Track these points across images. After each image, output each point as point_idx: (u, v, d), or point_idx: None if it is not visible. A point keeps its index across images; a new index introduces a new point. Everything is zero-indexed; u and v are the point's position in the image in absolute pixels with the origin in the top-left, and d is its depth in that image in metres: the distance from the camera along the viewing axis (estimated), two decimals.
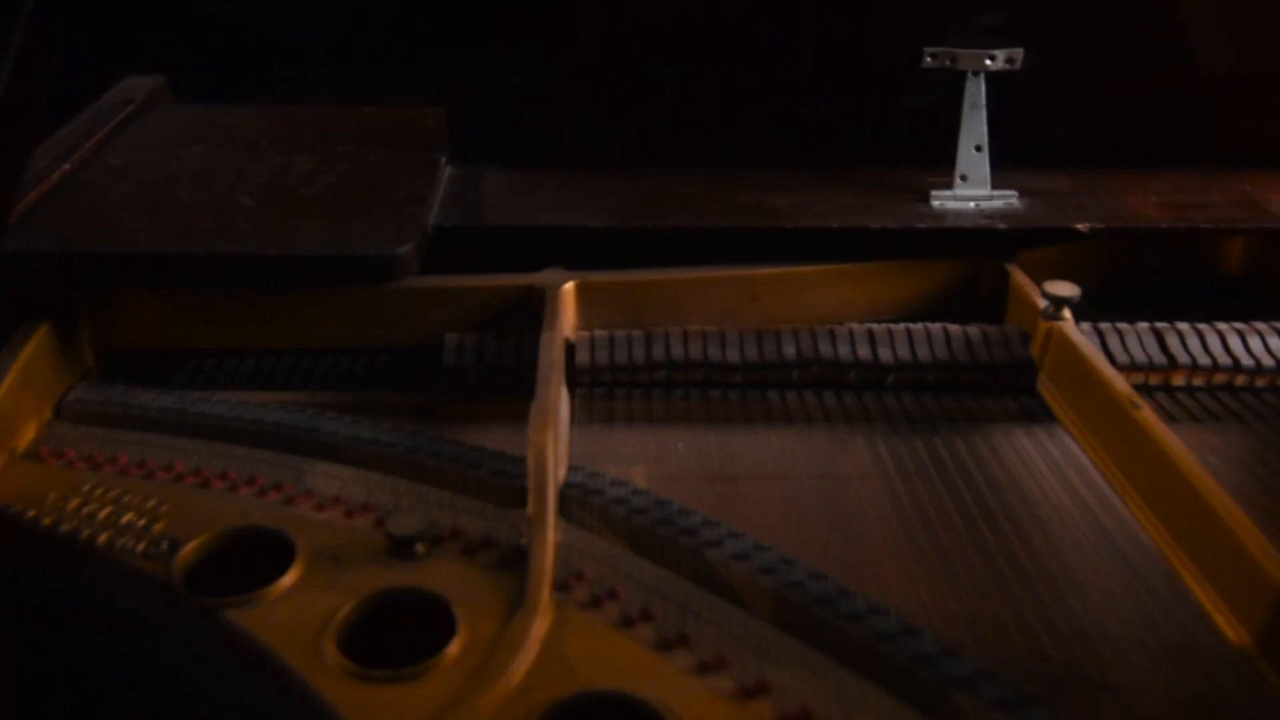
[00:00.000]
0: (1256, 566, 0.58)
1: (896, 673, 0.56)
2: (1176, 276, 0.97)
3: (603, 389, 0.82)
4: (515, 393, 0.78)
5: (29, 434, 0.74)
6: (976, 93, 0.89)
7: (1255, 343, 0.83)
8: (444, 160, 0.94)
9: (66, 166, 0.89)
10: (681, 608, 0.60)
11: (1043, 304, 0.81)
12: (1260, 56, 0.93)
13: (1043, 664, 0.60)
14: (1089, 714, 0.56)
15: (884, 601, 0.59)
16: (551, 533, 0.64)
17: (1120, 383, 0.73)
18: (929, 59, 0.89)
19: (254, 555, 0.64)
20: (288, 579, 0.61)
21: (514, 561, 0.64)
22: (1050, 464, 0.76)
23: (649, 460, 0.76)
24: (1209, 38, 0.92)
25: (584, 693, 0.55)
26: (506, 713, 0.53)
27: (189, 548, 0.63)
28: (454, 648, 0.57)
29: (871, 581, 0.65)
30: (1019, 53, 0.89)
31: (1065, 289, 0.80)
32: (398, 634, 0.60)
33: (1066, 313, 0.80)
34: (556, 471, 0.69)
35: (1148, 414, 0.70)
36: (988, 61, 0.88)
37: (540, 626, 0.58)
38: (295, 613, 0.59)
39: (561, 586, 0.62)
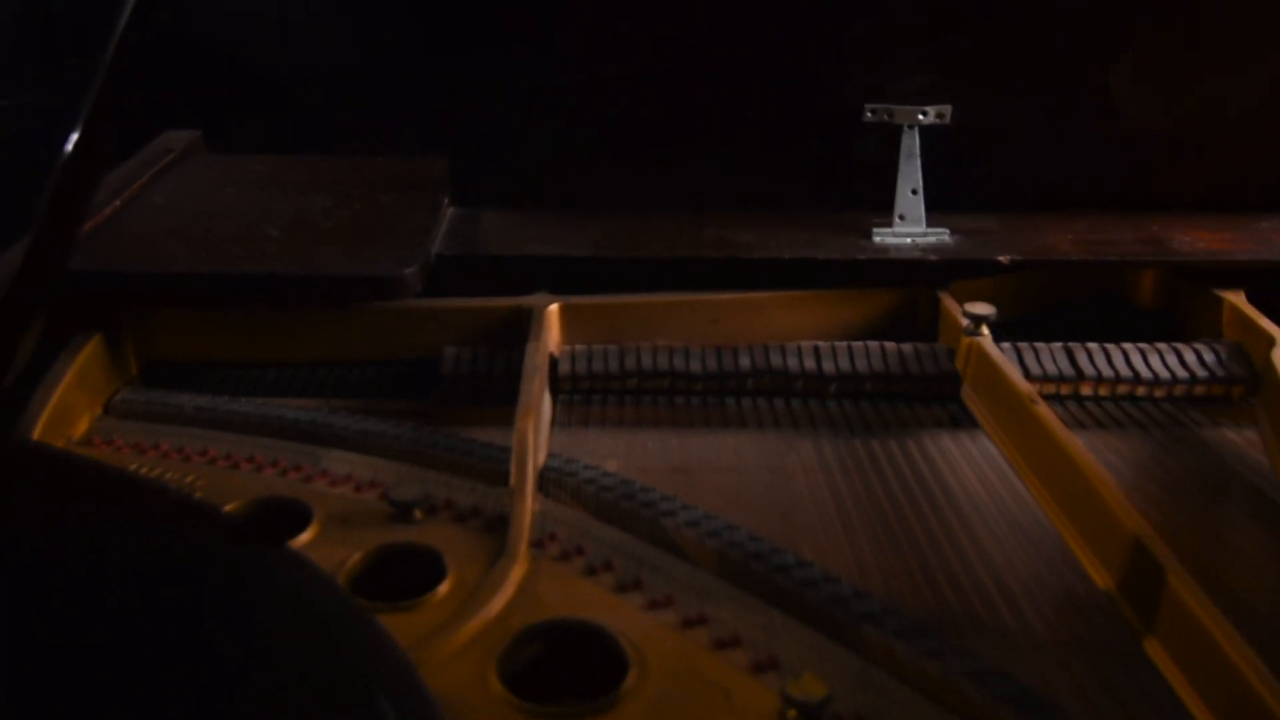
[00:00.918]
0: (1116, 521, 0.68)
1: (815, 610, 0.66)
2: (1097, 308, 1.08)
3: (581, 395, 0.94)
4: (505, 400, 0.89)
5: (83, 426, 0.86)
6: (911, 144, 1.02)
7: (1154, 360, 0.95)
8: (446, 201, 1.07)
9: (117, 203, 1.02)
10: (638, 561, 0.71)
11: (965, 323, 0.93)
12: (1167, 115, 1.06)
13: (946, 612, 0.70)
14: (981, 648, 0.66)
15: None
16: (530, 501, 0.75)
17: (1023, 385, 0.84)
18: (869, 114, 1.02)
19: (278, 520, 0.75)
20: (306, 536, 0.72)
21: (498, 526, 0.74)
22: (969, 460, 0.86)
23: (620, 455, 0.87)
24: (1123, 98, 1.05)
25: (552, 619, 0.65)
26: (487, 634, 0.63)
27: (224, 510, 0.74)
28: (444, 588, 0.68)
29: (806, 550, 0.75)
30: (948, 109, 1.02)
31: (983, 309, 0.92)
32: (399, 581, 0.70)
33: (984, 329, 0.92)
34: (536, 456, 0.80)
35: (1043, 409, 0.81)
36: (920, 116, 1.02)
37: (518, 572, 0.69)
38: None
39: (537, 544, 0.72)
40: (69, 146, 0.71)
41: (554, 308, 0.97)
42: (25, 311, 0.77)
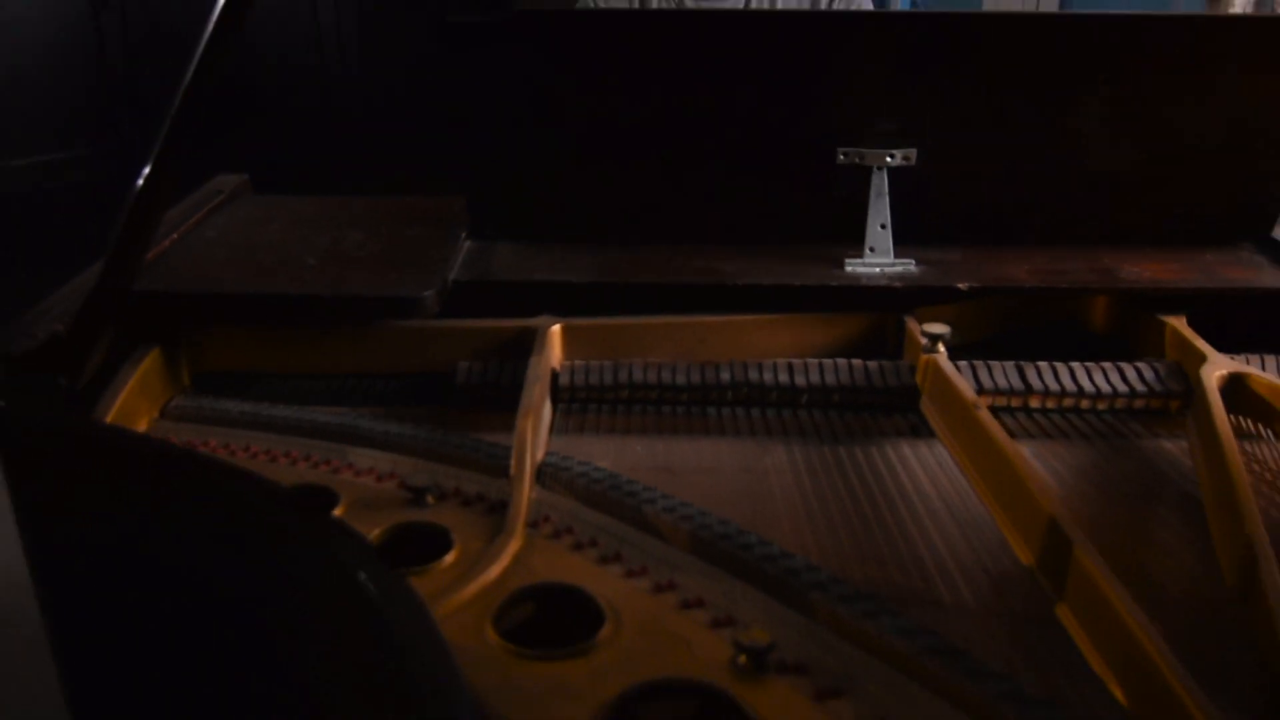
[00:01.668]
0: (1037, 505, 0.78)
1: (770, 579, 0.76)
2: (1054, 333, 1.18)
3: (579, 405, 1.05)
4: (510, 408, 0.99)
5: (142, 427, 0.98)
6: (880, 183, 1.13)
7: (1099, 376, 1.04)
8: (464, 235, 1.19)
9: (175, 236, 1.15)
10: (619, 540, 0.81)
11: (924, 342, 1.03)
12: (1121, 157, 1.17)
13: (891, 588, 0.79)
14: (916, 614, 0.75)
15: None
16: (527, 489, 0.86)
17: (969, 393, 0.94)
18: (842, 157, 1.14)
19: (309, 503, 0.86)
20: (334, 515, 0.83)
21: (499, 510, 0.85)
22: (923, 464, 0.96)
23: (611, 456, 0.97)
24: (1079, 141, 1.16)
25: (541, 583, 0.76)
26: (485, 594, 0.74)
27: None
28: (450, 557, 0.78)
29: (771, 535, 0.84)
30: (913, 152, 1.13)
31: (938, 329, 1.02)
32: (413, 552, 0.81)
33: (940, 346, 1.02)
34: (535, 453, 0.91)
35: (984, 414, 0.91)
36: (888, 159, 1.13)
37: (514, 546, 0.79)
38: None
39: (532, 524, 0.83)
40: (140, 183, 0.84)
41: (556, 328, 1.08)
42: (99, 325, 0.90)
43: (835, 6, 1.73)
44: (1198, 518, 0.88)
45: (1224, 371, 0.99)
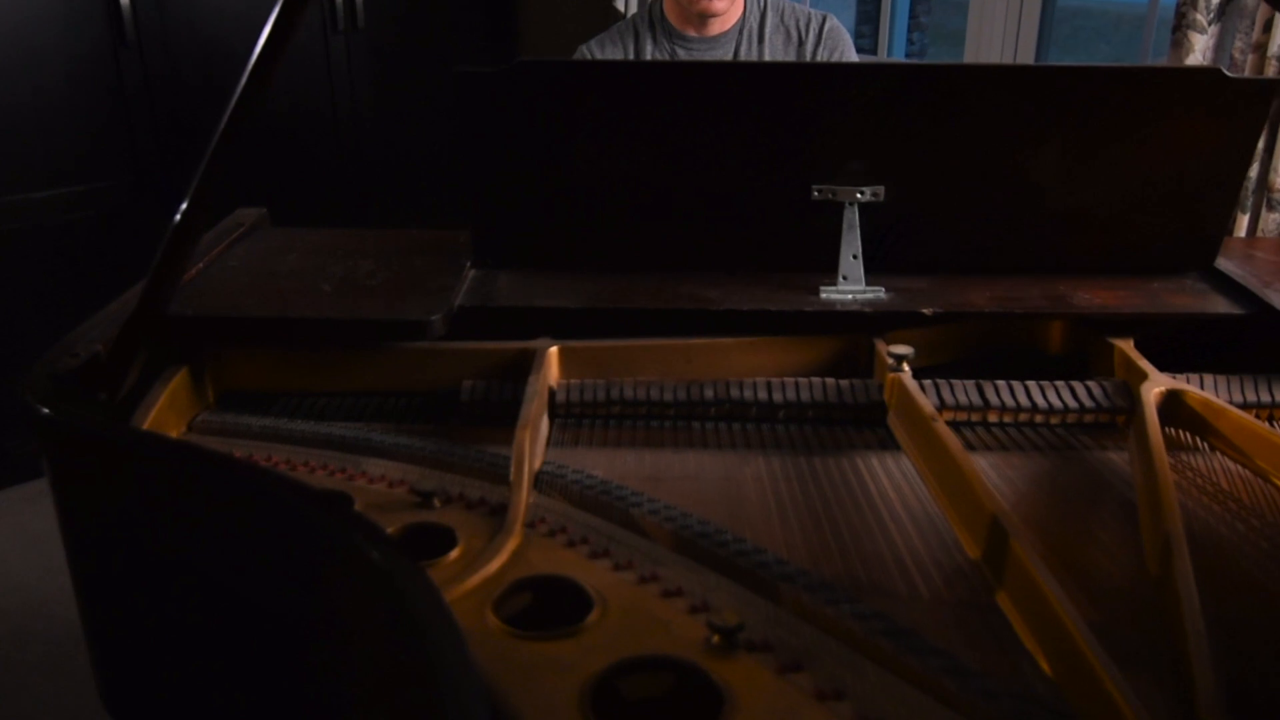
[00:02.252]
0: (981, 503, 0.87)
1: (743, 571, 0.84)
2: (1015, 355, 1.27)
3: (574, 420, 1.13)
4: (511, 423, 1.08)
5: None
6: (852, 217, 1.23)
7: (1052, 394, 1.13)
8: (468, 265, 1.28)
9: (200, 265, 1.24)
10: (608, 538, 0.90)
11: (890, 362, 1.12)
12: (1076, 195, 1.27)
13: (852, 580, 0.88)
14: (873, 602, 0.84)
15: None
16: (525, 493, 0.94)
17: (928, 407, 1.03)
18: (816, 194, 1.23)
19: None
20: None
21: (499, 512, 0.93)
22: (888, 474, 1.04)
23: (603, 466, 1.06)
24: (1037, 180, 1.26)
25: (537, 574, 0.84)
26: (487, 584, 0.82)
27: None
28: (454, 553, 0.87)
29: (746, 534, 0.92)
30: (881, 189, 1.23)
31: (902, 349, 1.12)
32: (421, 549, 0.90)
33: (905, 366, 1.11)
34: (533, 461, 1.00)
35: (940, 425, 1.00)
36: (858, 195, 1.23)
37: (513, 543, 0.88)
38: None
39: (529, 524, 0.92)
40: (177, 216, 0.94)
41: (554, 350, 1.17)
42: (135, 346, 0.99)
43: (820, 57, 1.84)
44: (1136, 520, 0.97)
45: (1162, 389, 1.08)
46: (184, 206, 0.92)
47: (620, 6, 2.82)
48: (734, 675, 0.74)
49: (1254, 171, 1.88)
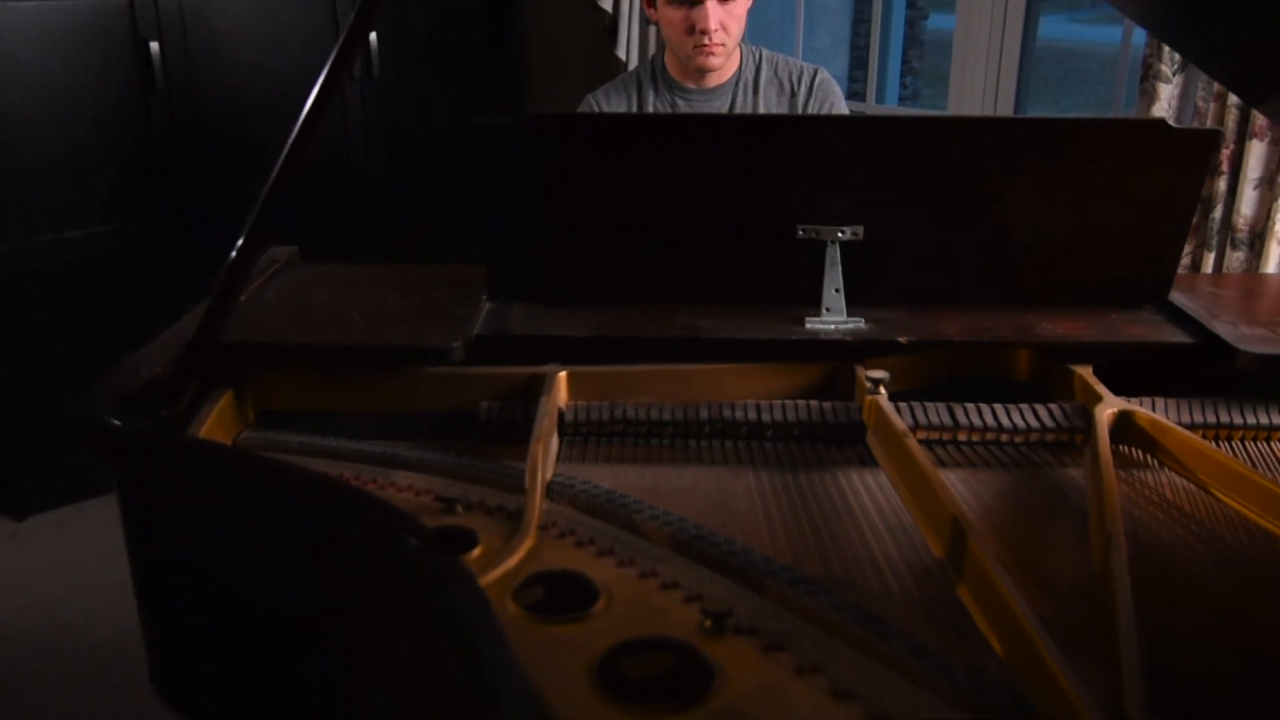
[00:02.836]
0: (944, 508, 0.98)
1: (734, 569, 0.95)
2: (984, 381, 1.38)
3: (581, 438, 1.24)
4: (524, 440, 1.19)
5: None
6: (834, 254, 1.35)
7: (1016, 415, 1.24)
8: (484, 298, 1.40)
9: (242, 297, 1.36)
10: (613, 539, 1.00)
11: (868, 385, 1.24)
12: (1042, 234, 1.38)
13: (832, 578, 0.98)
14: (849, 595, 0.94)
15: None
16: (539, 499, 1.05)
17: (902, 425, 1.14)
18: (801, 233, 1.35)
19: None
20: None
21: (515, 517, 1.04)
22: (866, 487, 1.14)
23: (608, 479, 1.16)
24: (1007, 219, 1.38)
25: (549, 569, 0.95)
26: (505, 578, 0.93)
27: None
28: (476, 551, 0.98)
29: (736, 539, 1.04)
30: (860, 229, 1.35)
31: (878, 374, 1.23)
32: (446, 549, 1.00)
33: (881, 389, 1.22)
34: (545, 472, 1.11)
35: (911, 441, 1.11)
36: (840, 234, 1.35)
37: (528, 543, 0.99)
38: None
39: (542, 527, 1.02)
40: (233, 253, 1.06)
41: (563, 374, 1.29)
42: (192, 369, 1.11)
43: (810, 108, 1.96)
44: (1088, 527, 1.08)
45: (1114, 410, 1.19)
46: (239, 244, 1.04)
47: (622, 55, 2.96)
48: (724, 654, 0.84)
49: (1218, 213, 2.01)
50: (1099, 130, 1.34)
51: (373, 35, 3.09)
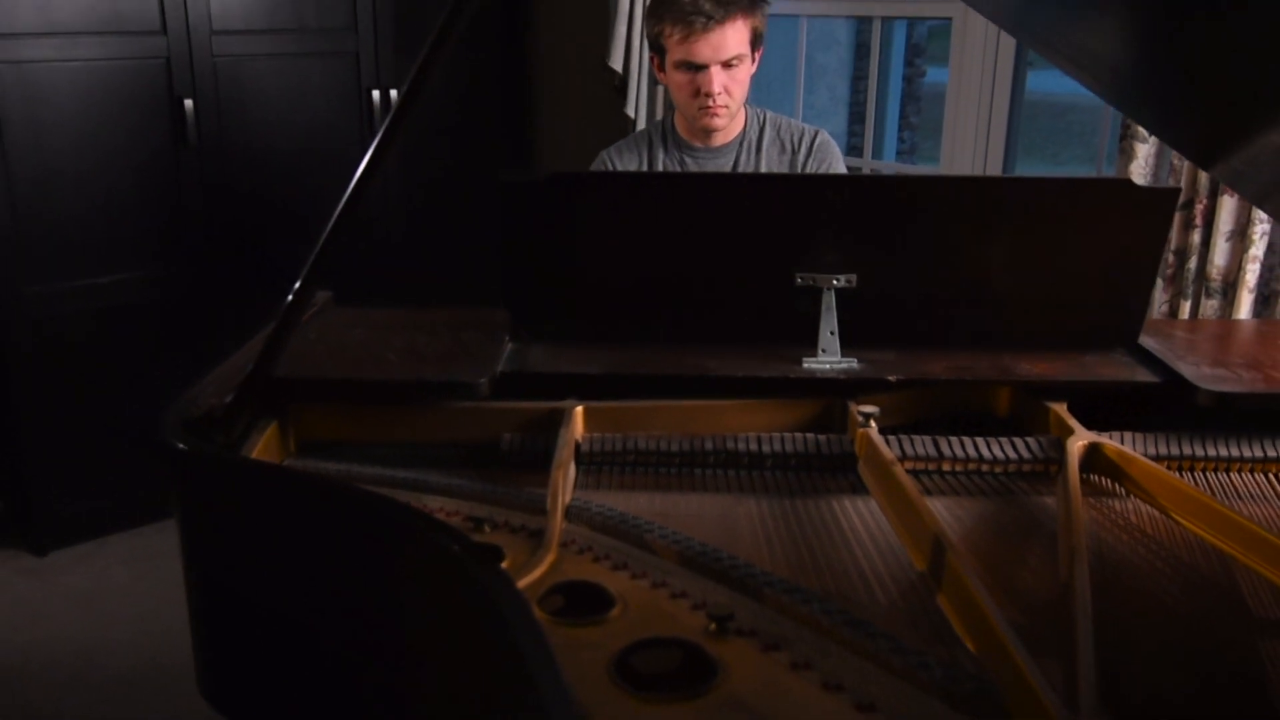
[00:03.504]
0: (925, 525, 1.08)
1: (736, 581, 1.05)
2: (968, 418, 1.49)
3: (596, 467, 1.35)
4: (544, 468, 1.30)
5: None
6: (829, 300, 1.47)
7: (995, 447, 1.35)
8: (507, 339, 1.52)
9: None
10: (626, 555, 1.11)
11: (860, 419, 1.35)
12: (1020, 281, 1.51)
13: (825, 589, 1.08)
14: (840, 605, 1.04)
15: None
16: (559, 519, 1.16)
17: (890, 455, 1.25)
18: (799, 280, 1.47)
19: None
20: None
21: (538, 536, 1.15)
22: (858, 513, 1.24)
23: (620, 504, 1.27)
24: (988, 268, 1.50)
25: (569, 580, 1.05)
26: (530, 588, 1.03)
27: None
28: (503, 565, 1.09)
29: (738, 555, 1.15)
30: (854, 277, 1.47)
31: (869, 408, 1.34)
32: None
33: (872, 422, 1.33)
34: (564, 495, 1.22)
35: (898, 469, 1.21)
36: (835, 282, 1.47)
37: (550, 557, 1.09)
38: None
39: (562, 544, 1.13)
40: (290, 296, 1.18)
41: (579, 409, 1.40)
42: (247, 400, 1.22)
43: (809, 168, 2.09)
44: (1055, 545, 1.18)
45: (1084, 442, 1.30)
46: (295, 288, 1.16)
47: (631, 113, 3.12)
48: (726, 653, 0.95)
49: (1193, 263, 2.13)
50: (1070, 188, 1.47)
51: (393, 94, 3.25)
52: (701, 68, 1.95)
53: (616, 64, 3.11)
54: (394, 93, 3.24)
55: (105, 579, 2.84)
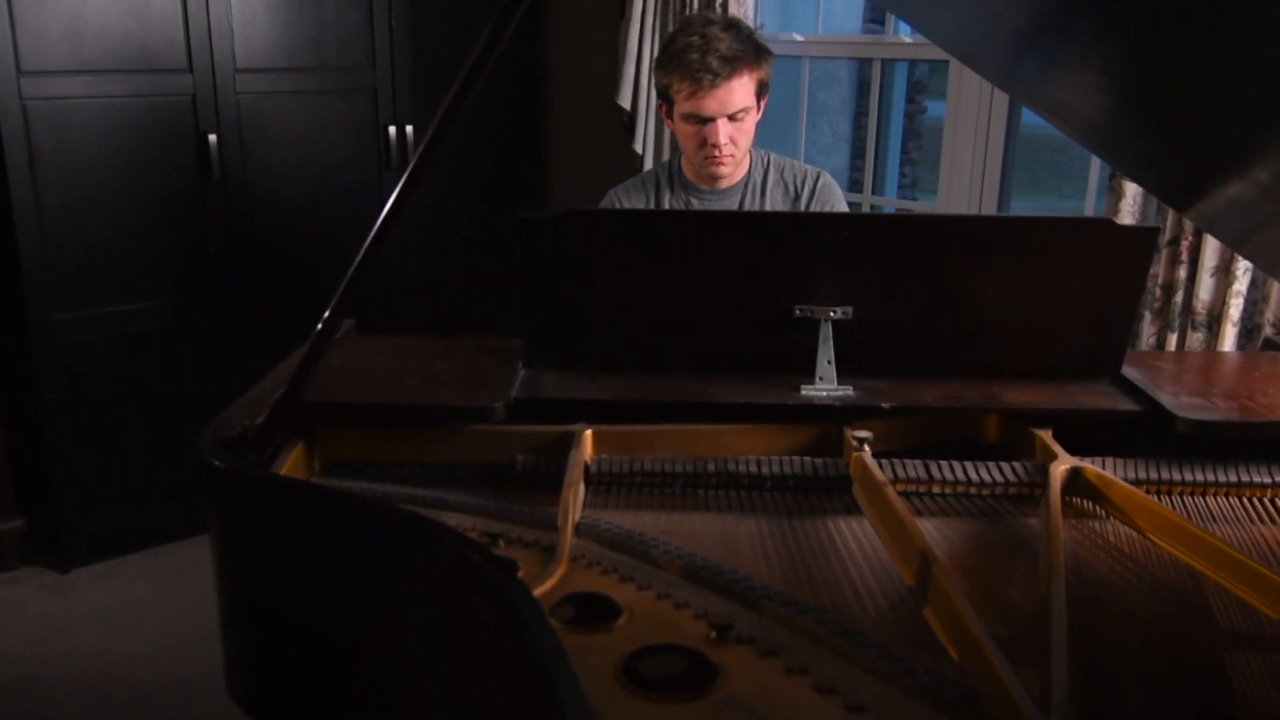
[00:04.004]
0: (914, 543, 1.16)
1: (736, 594, 1.12)
2: (959, 443, 1.56)
3: (604, 488, 1.43)
4: (556, 489, 1.38)
5: None
6: (826, 331, 1.55)
7: (983, 471, 1.42)
8: (521, 366, 1.60)
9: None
10: (632, 569, 1.18)
11: (854, 443, 1.43)
12: (1007, 314, 1.58)
13: (820, 603, 1.15)
14: (834, 617, 1.11)
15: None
16: (569, 535, 1.23)
17: (881, 476, 1.33)
18: (798, 312, 1.55)
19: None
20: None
21: (549, 551, 1.22)
22: (851, 532, 1.32)
23: (628, 522, 1.34)
24: (977, 302, 1.58)
25: (579, 591, 1.13)
26: (543, 597, 1.10)
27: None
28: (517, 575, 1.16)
29: (738, 570, 1.22)
30: (849, 309, 1.55)
31: (863, 433, 1.42)
32: None
33: (865, 446, 1.41)
34: (574, 513, 1.29)
35: (890, 490, 1.29)
36: (831, 314, 1.55)
37: (561, 570, 1.16)
38: None
39: (572, 558, 1.20)
40: (319, 326, 1.26)
41: (589, 432, 1.47)
42: (279, 421, 1.31)
43: (812, 209, 2.17)
44: (1036, 562, 1.25)
45: (1066, 466, 1.38)
46: (325, 316, 1.25)
47: (639, 150, 3.22)
48: (726, 658, 1.02)
49: (1179, 298, 2.21)
50: (1055, 227, 1.55)
51: (409, 129, 3.36)
52: (707, 120, 2.03)
53: (625, 102, 3.22)
54: (410, 128, 3.36)
55: (126, 596, 2.91)
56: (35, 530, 3.03)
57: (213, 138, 3.00)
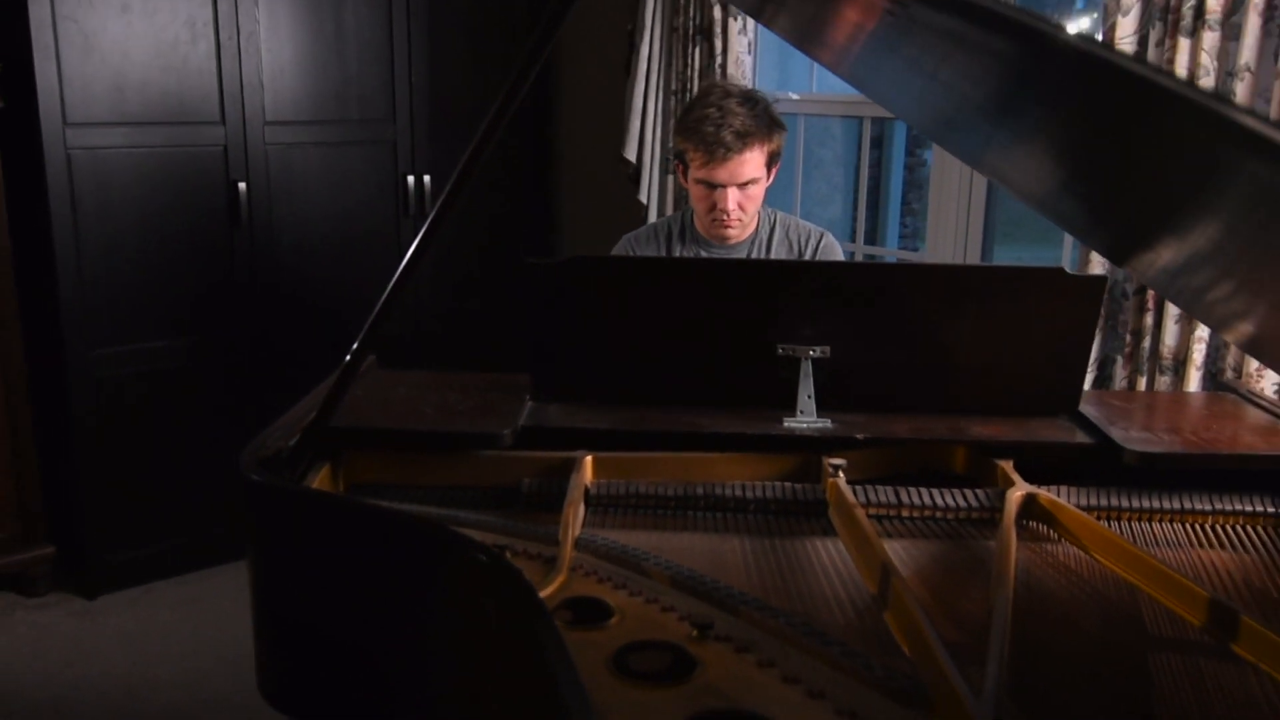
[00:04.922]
0: (876, 555, 1.29)
1: (717, 599, 1.26)
2: (929, 474, 1.70)
3: (602, 509, 1.57)
4: (557, 509, 1.52)
5: None
6: (807, 368, 1.69)
7: (949, 497, 1.56)
8: (528, 398, 1.75)
9: None
10: (626, 578, 1.32)
11: (830, 470, 1.56)
12: (976, 353, 1.73)
13: (793, 609, 1.29)
14: (803, 620, 1.25)
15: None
16: (569, 548, 1.37)
17: (853, 499, 1.47)
18: (780, 351, 1.70)
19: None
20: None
21: (550, 562, 1.36)
22: (827, 551, 1.45)
23: (623, 540, 1.48)
24: (949, 342, 1.72)
25: (575, 597, 1.26)
26: (545, 600, 1.25)
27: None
28: None
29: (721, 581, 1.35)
30: (828, 349, 1.70)
31: (838, 461, 1.56)
32: None
33: (840, 473, 1.55)
34: (574, 529, 1.43)
35: (860, 512, 1.43)
36: (811, 352, 1.70)
37: (560, 578, 1.30)
38: None
39: (571, 569, 1.34)
40: (346, 359, 1.41)
41: (589, 458, 1.62)
42: (309, 445, 1.45)
43: (814, 254, 2.32)
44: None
45: (1022, 493, 1.51)
46: (353, 348, 1.40)
47: (644, 200, 3.39)
48: (705, 653, 1.15)
49: (1147, 343, 2.35)
50: (1011, 275, 1.70)
51: (427, 178, 3.55)
52: (717, 186, 2.18)
53: (631, 155, 3.40)
54: (427, 178, 3.54)
55: (151, 622, 3.04)
56: (64, 558, 3.18)
57: (242, 185, 3.19)
